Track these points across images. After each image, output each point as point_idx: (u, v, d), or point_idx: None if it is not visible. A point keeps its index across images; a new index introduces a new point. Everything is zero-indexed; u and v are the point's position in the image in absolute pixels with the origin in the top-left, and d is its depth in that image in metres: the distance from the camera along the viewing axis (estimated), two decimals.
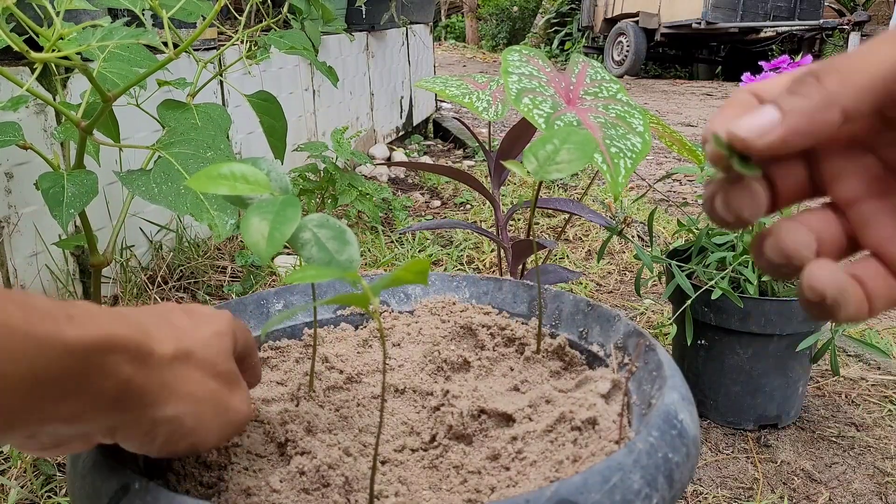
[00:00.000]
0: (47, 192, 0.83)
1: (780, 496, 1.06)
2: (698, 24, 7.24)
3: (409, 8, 3.36)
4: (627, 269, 1.97)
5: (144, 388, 0.33)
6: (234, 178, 0.42)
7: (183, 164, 0.86)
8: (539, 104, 0.89)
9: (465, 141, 3.64)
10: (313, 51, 1.46)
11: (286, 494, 0.39)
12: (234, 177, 0.42)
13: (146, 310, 0.37)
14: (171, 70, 1.21)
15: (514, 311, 0.59)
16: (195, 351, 0.36)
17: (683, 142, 1.17)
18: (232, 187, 0.42)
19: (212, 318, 0.39)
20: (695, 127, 4.44)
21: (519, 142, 1.14)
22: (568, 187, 2.78)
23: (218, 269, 1.79)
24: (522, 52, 1.00)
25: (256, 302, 0.59)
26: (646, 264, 1.20)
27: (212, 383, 0.37)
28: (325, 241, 0.42)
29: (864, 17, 6.55)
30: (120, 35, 0.80)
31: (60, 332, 0.30)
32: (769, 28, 7.20)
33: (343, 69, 2.79)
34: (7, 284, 1.32)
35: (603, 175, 0.82)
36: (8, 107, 0.95)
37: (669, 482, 0.35)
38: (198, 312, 0.39)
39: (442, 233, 2.22)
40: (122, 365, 0.32)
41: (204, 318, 0.39)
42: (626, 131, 0.88)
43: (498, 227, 1.15)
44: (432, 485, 0.41)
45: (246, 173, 0.43)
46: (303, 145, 2.04)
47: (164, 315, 0.37)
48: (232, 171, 0.42)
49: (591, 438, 0.43)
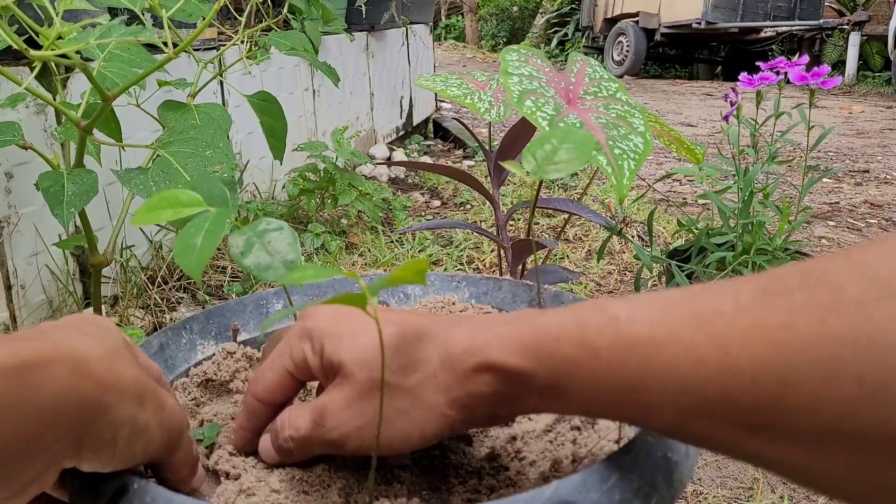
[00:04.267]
0: (47, 190, 0.83)
1: (780, 496, 1.06)
2: (698, 24, 7.25)
3: (409, 8, 3.36)
4: (627, 269, 1.97)
5: (95, 392, 0.32)
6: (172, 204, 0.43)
7: (182, 162, 0.86)
8: (542, 106, 0.89)
9: (465, 141, 3.64)
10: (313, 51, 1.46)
11: (286, 494, 0.39)
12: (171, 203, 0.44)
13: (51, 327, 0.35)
14: (171, 71, 1.21)
15: (513, 311, 0.59)
16: (120, 349, 0.35)
17: (683, 142, 1.17)
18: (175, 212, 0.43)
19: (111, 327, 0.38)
20: (695, 127, 4.44)
21: (518, 142, 1.14)
22: (568, 187, 2.78)
23: (218, 269, 1.79)
24: (521, 52, 1.00)
25: (256, 302, 0.58)
26: (646, 264, 1.20)
27: (143, 378, 0.35)
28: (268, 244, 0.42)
29: (864, 17, 6.55)
30: (119, 33, 0.80)
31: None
32: (769, 28, 7.20)
33: (343, 69, 2.79)
34: (7, 284, 1.32)
35: (608, 178, 0.82)
36: (6, 104, 0.95)
37: (669, 482, 0.35)
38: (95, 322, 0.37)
39: (442, 233, 2.22)
40: (62, 378, 0.31)
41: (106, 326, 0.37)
42: (628, 132, 0.87)
43: (498, 227, 1.15)
44: (432, 485, 0.41)
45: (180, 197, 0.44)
46: (303, 145, 2.04)
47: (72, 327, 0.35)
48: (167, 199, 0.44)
49: (590, 438, 0.43)
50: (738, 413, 0.28)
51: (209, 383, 0.50)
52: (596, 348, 0.32)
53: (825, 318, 0.27)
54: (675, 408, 0.30)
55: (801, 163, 1.39)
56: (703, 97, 6.12)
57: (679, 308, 0.31)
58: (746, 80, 1.30)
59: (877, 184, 3.04)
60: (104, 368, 0.33)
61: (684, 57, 8.56)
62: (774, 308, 0.29)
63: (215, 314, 0.55)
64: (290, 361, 0.39)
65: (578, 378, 0.32)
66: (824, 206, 2.68)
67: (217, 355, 0.52)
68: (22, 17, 0.76)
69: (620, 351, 0.31)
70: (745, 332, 0.29)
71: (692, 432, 0.31)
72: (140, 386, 0.35)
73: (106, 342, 0.35)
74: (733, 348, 0.28)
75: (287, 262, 0.41)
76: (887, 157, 3.54)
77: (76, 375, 0.31)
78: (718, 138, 3.93)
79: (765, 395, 0.28)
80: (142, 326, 1.45)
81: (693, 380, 0.29)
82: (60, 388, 0.30)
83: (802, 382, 0.27)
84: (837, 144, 3.84)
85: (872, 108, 5.27)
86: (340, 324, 0.38)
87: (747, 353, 0.28)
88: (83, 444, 0.32)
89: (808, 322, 0.27)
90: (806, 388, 0.27)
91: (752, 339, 0.28)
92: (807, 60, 1.25)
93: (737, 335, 0.29)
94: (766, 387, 0.28)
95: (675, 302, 0.31)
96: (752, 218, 1.32)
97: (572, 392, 0.32)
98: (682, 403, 0.30)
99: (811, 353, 0.27)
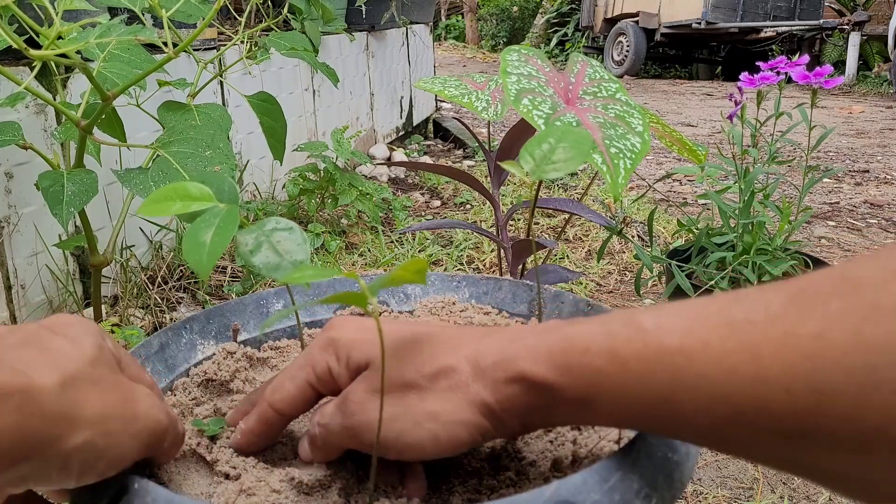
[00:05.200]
0: (47, 190, 0.83)
1: (780, 496, 1.06)
2: (698, 24, 7.25)
3: (409, 8, 3.36)
4: (627, 269, 1.97)
5: (43, 428, 0.31)
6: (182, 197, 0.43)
7: (181, 162, 0.86)
8: (538, 105, 0.89)
9: (465, 141, 3.64)
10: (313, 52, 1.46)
11: (286, 495, 0.39)
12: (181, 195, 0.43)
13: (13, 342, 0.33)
14: (171, 71, 1.21)
15: (513, 311, 0.59)
16: (81, 370, 0.33)
17: (683, 142, 1.17)
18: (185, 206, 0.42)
19: (85, 330, 0.36)
20: (695, 127, 4.44)
21: (518, 142, 1.14)
22: (568, 187, 2.78)
23: (218, 269, 1.79)
24: (521, 52, 1.00)
25: (256, 302, 0.58)
26: (646, 264, 1.20)
27: (110, 395, 0.34)
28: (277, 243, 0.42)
29: (864, 17, 6.55)
30: (118, 33, 0.80)
31: None
32: (769, 28, 7.20)
33: (343, 69, 2.79)
34: (7, 284, 1.32)
35: (602, 176, 0.82)
36: (6, 103, 0.95)
37: (669, 482, 0.35)
38: (70, 329, 0.36)
39: (442, 233, 2.22)
40: (6, 415, 0.29)
41: (79, 333, 0.36)
42: (626, 131, 0.87)
43: (498, 227, 1.15)
44: (432, 485, 0.41)
45: (190, 189, 0.43)
46: (303, 145, 2.04)
47: (34, 342, 0.34)
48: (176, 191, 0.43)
49: (590, 438, 0.43)
50: (773, 421, 0.28)
51: (209, 383, 0.50)
52: (625, 360, 0.32)
53: (860, 327, 0.27)
54: (709, 416, 0.30)
55: (802, 163, 1.39)
56: (703, 97, 6.12)
57: (708, 317, 0.31)
58: (747, 79, 1.30)
59: (877, 184, 3.04)
60: (55, 399, 0.31)
61: (684, 57, 8.56)
62: (807, 317, 0.28)
63: (215, 314, 0.55)
64: (313, 373, 0.39)
65: (608, 390, 0.32)
66: (824, 206, 2.68)
67: (217, 355, 0.52)
68: (22, 17, 0.76)
69: (650, 362, 0.31)
70: (778, 340, 0.28)
71: (724, 440, 0.31)
72: (101, 409, 0.33)
73: (66, 364, 0.33)
74: (765, 358, 0.28)
75: (296, 262, 0.41)
76: (887, 157, 3.54)
77: (21, 413, 0.30)
78: (718, 138, 3.93)
79: (800, 404, 0.28)
80: (142, 326, 1.45)
81: (725, 389, 0.29)
82: (4, 427, 0.29)
83: (838, 392, 0.27)
84: (837, 144, 3.84)
85: (872, 108, 5.27)
86: (367, 333, 0.38)
87: (780, 362, 0.28)
88: (27, 476, 0.32)
89: (843, 330, 0.27)
90: (843, 396, 0.27)
91: (785, 348, 0.28)
92: (807, 60, 1.25)
93: (769, 344, 0.29)
94: (801, 396, 0.27)
95: (703, 311, 0.31)
96: (752, 218, 1.32)
97: (602, 404, 0.32)
98: (716, 412, 0.30)
99: (846, 363, 0.27)
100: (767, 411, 0.28)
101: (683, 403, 0.30)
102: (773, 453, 0.30)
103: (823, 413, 0.27)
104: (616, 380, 0.32)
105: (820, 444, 0.28)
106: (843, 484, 0.29)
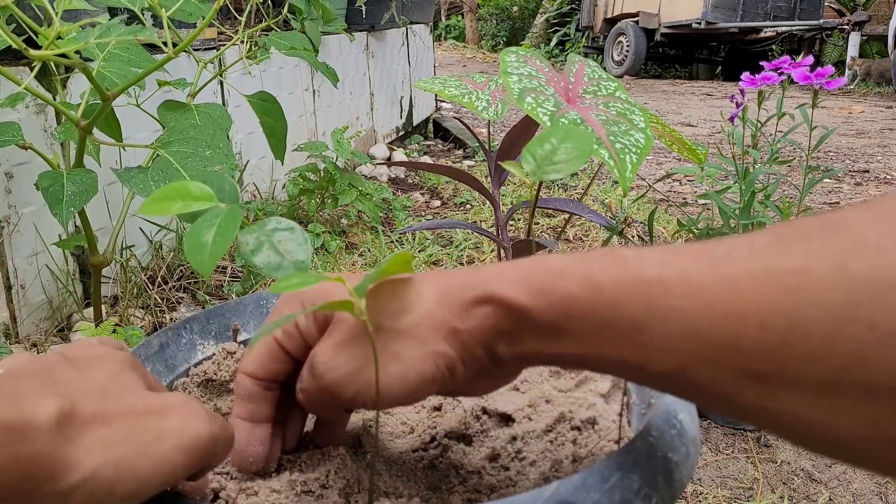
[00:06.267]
0: (47, 190, 0.83)
1: (780, 496, 1.06)
2: (698, 24, 7.25)
3: (409, 8, 3.36)
4: None
5: (38, 465, 0.29)
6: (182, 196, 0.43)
7: (181, 162, 0.86)
8: (542, 103, 0.89)
9: (465, 141, 3.63)
10: (313, 52, 1.46)
11: (286, 495, 0.39)
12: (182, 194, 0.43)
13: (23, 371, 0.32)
14: (171, 71, 1.20)
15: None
16: (82, 403, 0.32)
17: (683, 141, 1.17)
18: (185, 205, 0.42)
19: (99, 359, 0.35)
20: (695, 127, 4.44)
21: (519, 142, 1.14)
22: (568, 187, 2.78)
23: (218, 269, 1.79)
24: (520, 53, 1.00)
25: (256, 302, 0.58)
26: None
27: (120, 424, 0.32)
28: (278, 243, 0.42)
29: (864, 17, 6.55)
30: (118, 33, 0.80)
31: None
32: (769, 28, 7.20)
33: (343, 69, 2.79)
34: (7, 284, 1.32)
35: (610, 171, 0.82)
36: (6, 104, 0.95)
37: (669, 482, 0.35)
38: (82, 357, 0.35)
39: (442, 233, 2.22)
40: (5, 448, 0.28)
41: (90, 361, 0.35)
42: (629, 128, 0.88)
43: (498, 227, 1.15)
44: (432, 485, 0.41)
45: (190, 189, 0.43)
46: (303, 145, 2.04)
47: (43, 373, 0.33)
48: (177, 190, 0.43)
49: (590, 438, 0.42)
50: (742, 360, 0.28)
51: (209, 383, 0.50)
52: (600, 286, 0.31)
53: (844, 263, 0.26)
54: (677, 353, 0.29)
55: (802, 163, 1.39)
56: (703, 97, 6.12)
57: (690, 252, 0.30)
58: (749, 79, 1.30)
59: (877, 184, 3.04)
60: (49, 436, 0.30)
61: (684, 57, 8.56)
62: (790, 253, 0.28)
63: (215, 314, 0.55)
64: (279, 330, 0.38)
65: (579, 315, 0.31)
66: (824, 206, 2.68)
67: (217, 355, 0.52)
68: (21, 17, 0.76)
69: (625, 289, 0.30)
70: (758, 275, 0.28)
71: (690, 381, 0.30)
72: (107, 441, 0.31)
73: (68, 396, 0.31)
74: (744, 291, 0.28)
75: (297, 262, 0.41)
76: (887, 157, 3.54)
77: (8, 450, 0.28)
78: (718, 138, 3.93)
79: (771, 341, 0.27)
80: (142, 326, 1.45)
81: (699, 323, 0.28)
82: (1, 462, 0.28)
83: (812, 327, 0.26)
84: (837, 144, 3.84)
85: (872, 108, 5.27)
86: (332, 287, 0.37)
87: (757, 296, 0.27)
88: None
89: (826, 266, 0.27)
90: (815, 333, 0.26)
91: (765, 282, 0.28)
92: (811, 61, 1.25)
93: (748, 278, 0.28)
94: (774, 332, 0.27)
95: (686, 248, 0.31)
96: (752, 218, 1.32)
97: (571, 330, 0.31)
98: (685, 348, 0.29)
99: (826, 298, 0.26)
100: (738, 349, 0.28)
101: (654, 335, 0.29)
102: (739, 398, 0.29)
103: (792, 351, 0.27)
104: (588, 305, 0.31)
105: (786, 385, 0.27)
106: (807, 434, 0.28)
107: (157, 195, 0.43)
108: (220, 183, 0.45)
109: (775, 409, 0.28)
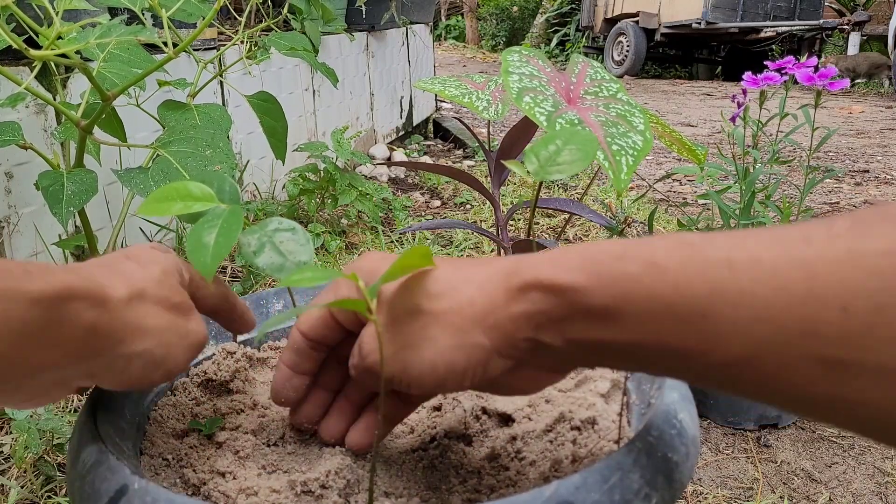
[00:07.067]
0: (47, 190, 0.83)
1: (780, 496, 1.06)
2: (698, 24, 7.25)
3: (409, 8, 3.36)
4: None
5: (110, 330, 0.35)
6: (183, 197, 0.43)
7: (181, 162, 0.86)
8: (540, 102, 0.89)
9: (465, 141, 3.63)
10: (313, 52, 1.46)
11: (286, 495, 0.39)
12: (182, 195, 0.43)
13: (93, 262, 0.38)
14: (171, 71, 1.20)
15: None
16: (146, 289, 0.38)
17: (683, 142, 1.17)
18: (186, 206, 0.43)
19: (156, 259, 0.41)
20: (695, 127, 4.44)
21: (519, 142, 1.14)
22: (568, 187, 2.78)
23: (218, 269, 1.78)
24: (522, 53, 1.00)
25: (256, 302, 0.58)
26: None
27: (168, 315, 0.39)
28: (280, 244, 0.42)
29: (864, 17, 6.55)
30: (118, 33, 0.80)
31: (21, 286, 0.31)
32: (769, 28, 7.20)
33: (343, 69, 2.79)
34: None
35: (605, 172, 0.82)
36: (6, 104, 0.95)
37: (669, 482, 0.35)
38: (142, 255, 0.41)
39: (442, 233, 2.22)
40: (84, 312, 0.33)
41: (149, 259, 0.41)
42: (627, 129, 0.88)
43: (498, 227, 1.15)
44: (432, 485, 0.41)
45: (191, 189, 0.44)
46: (303, 145, 2.04)
47: (110, 264, 0.39)
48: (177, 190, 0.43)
49: (590, 438, 0.42)
50: (820, 346, 0.26)
51: (209, 383, 0.50)
52: (664, 267, 0.29)
53: None
54: (745, 340, 0.27)
55: (803, 163, 1.39)
56: (703, 97, 6.12)
57: (760, 235, 0.28)
58: (751, 79, 1.30)
59: (877, 184, 3.04)
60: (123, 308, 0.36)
61: (684, 57, 8.56)
62: (874, 235, 0.26)
63: None
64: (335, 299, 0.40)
65: (638, 298, 0.29)
66: (824, 206, 2.68)
67: (217, 355, 0.52)
68: (22, 17, 0.76)
69: (691, 272, 0.28)
70: (838, 258, 0.26)
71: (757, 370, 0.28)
72: (160, 323, 0.38)
73: (134, 283, 0.37)
74: (822, 274, 0.26)
75: (299, 262, 0.41)
76: (887, 157, 3.54)
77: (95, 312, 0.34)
78: (718, 138, 3.93)
79: (854, 325, 0.25)
80: None
81: (772, 308, 0.27)
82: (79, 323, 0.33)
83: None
84: (837, 144, 3.84)
85: (872, 108, 5.27)
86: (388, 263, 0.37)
87: (839, 279, 0.26)
88: (94, 372, 0.36)
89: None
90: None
91: (846, 265, 0.26)
92: (816, 62, 1.25)
93: (827, 261, 0.26)
94: (857, 316, 0.25)
95: (755, 231, 0.29)
96: (753, 218, 1.32)
97: (628, 315, 0.29)
98: (755, 334, 0.27)
99: None
100: (815, 334, 0.26)
101: (720, 321, 0.27)
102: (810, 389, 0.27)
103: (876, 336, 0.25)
104: (649, 287, 0.29)
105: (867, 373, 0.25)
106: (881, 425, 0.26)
107: (157, 195, 0.43)
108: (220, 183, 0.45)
109: (853, 399, 0.26)
